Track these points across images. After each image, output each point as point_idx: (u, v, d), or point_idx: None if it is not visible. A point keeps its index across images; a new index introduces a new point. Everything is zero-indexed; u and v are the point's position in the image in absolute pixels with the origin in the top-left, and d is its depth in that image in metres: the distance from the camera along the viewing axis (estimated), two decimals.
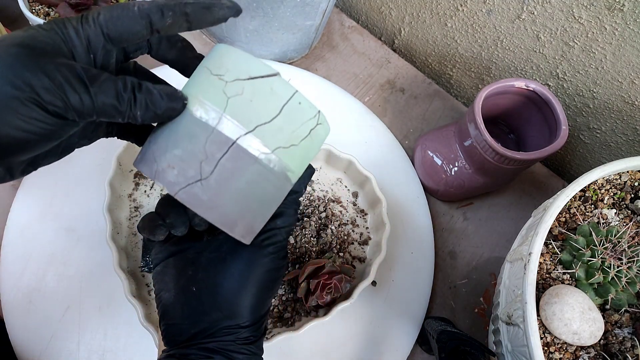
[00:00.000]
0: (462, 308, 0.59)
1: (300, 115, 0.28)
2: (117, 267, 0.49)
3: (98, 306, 0.52)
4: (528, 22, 0.60)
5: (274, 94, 0.26)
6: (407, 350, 0.55)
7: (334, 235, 0.56)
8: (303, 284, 0.50)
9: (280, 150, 0.27)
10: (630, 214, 0.47)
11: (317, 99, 0.68)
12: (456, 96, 0.78)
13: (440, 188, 0.62)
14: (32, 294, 0.52)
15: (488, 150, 0.53)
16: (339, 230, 0.57)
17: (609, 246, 0.42)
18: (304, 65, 0.73)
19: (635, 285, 0.42)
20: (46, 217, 0.55)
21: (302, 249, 0.54)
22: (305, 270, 0.50)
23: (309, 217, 0.56)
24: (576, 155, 0.69)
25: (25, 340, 0.50)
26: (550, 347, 0.40)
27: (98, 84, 0.24)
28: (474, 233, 0.63)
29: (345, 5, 0.82)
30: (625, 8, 0.50)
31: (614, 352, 0.41)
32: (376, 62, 0.75)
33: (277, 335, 0.48)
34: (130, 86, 0.25)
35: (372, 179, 0.57)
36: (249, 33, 0.65)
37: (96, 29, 0.26)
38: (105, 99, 0.24)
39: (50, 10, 0.59)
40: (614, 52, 0.55)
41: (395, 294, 0.57)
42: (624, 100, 0.58)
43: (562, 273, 0.43)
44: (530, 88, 0.56)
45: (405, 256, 0.59)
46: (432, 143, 0.62)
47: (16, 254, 0.53)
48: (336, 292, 0.50)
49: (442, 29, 0.71)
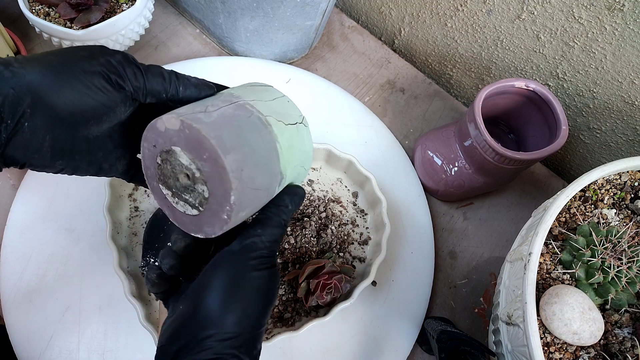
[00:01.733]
0: (462, 308, 0.59)
1: (288, 107, 0.33)
2: (117, 267, 0.49)
3: (98, 306, 0.52)
4: (528, 22, 0.60)
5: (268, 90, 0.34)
6: (407, 350, 0.55)
7: (334, 235, 0.56)
8: (303, 284, 0.50)
9: (272, 119, 0.31)
10: (630, 214, 0.47)
11: (317, 99, 0.68)
12: (456, 96, 0.78)
13: (440, 188, 0.62)
14: (32, 294, 0.52)
15: (488, 150, 0.53)
16: (339, 230, 0.57)
17: (609, 246, 0.42)
18: (304, 65, 0.73)
19: (635, 285, 0.42)
20: (46, 217, 0.55)
21: (302, 249, 0.54)
22: (305, 271, 0.50)
23: (309, 217, 0.56)
24: (576, 155, 0.69)
25: (25, 340, 0.50)
26: (550, 347, 0.40)
27: (150, 71, 0.31)
28: (474, 233, 0.63)
29: (345, 5, 0.82)
30: (625, 8, 0.50)
31: (614, 352, 0.41)
32: (376, 62, 0.75)
33: (277, 335, 0.48)
34: (172, 73, 0.32)
35: (372, 179, 0.57)
36: (249, 33, 0.65)
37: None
38: (153, 79, 0.31)
39: (51, 10, 0.59)
40: (614, 52, 0.55)
41: (395, 294, 0.57)
42: (624, 100, 0.58)
43: (562, 273, 0.43)
44: (530, 88, 0.56)
45: (405, 256, 0.59)
46: (432, 143, 0.62)
47: (16, 254, 0.53)
48: (336, 292, 0.50)
49: (442, 29, 0.71)
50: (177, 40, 0.71)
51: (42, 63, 0.27)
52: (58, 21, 0.58)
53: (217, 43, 0.72)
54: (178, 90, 0.32)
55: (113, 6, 0.60)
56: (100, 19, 0.58)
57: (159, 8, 0.73)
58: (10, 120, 0.26)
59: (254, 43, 0.67)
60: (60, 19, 0.58)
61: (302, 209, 0.57)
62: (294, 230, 0.55)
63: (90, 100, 0.28)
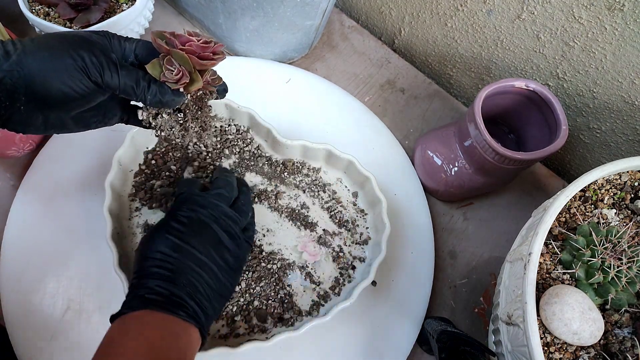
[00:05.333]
0: (462, 308, 0.59)
1: None
2: (117, 267, 0.49)
3: (98, 306, 0.52)
4: (528, 22, 0.60)
5: None
6: (407, 350, 0.55)
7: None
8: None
9: None
10: (630, 214, 0.47)
11: (317, 99, 0.68)
12: (456, 96, 0.78)
13: (440, 188, 0.62)
14: (32, 294, 0.52)
15: (488, 150, 0.53)
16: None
17: (609, 246, 0.42)
18: (304, 65, 0.73)
19: (635, 285, 0.42)
20: (46, 217, 0.55)
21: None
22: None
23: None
24: (576, 155, 0.69)
25: (25, 340, 0.50)
26: (550, 347, 0.40)
27: (125, 70, 0.36)
28: (474, 233, 0.63)
29: (345, 5, 0.82)
30: (625, 8, 0.50)
31: (614, 352, 0.41)
32: (376, 62, 0.75)
33: (277, 335, 0.48)
34: (147, 78, 0.37)
35: (372, 179, 0.57)
36: (249, 33, 0.65)
37: (131, 46, 0.38)
38: (127, 82, 0.35)
39: (50, 10, 0.59)
40: (614, 52, 0.55)
41: (395, 294, 0.57)
42: (624, 100, 0.58)
43: (562, 273, 0.43)
44: (530, 88, 0.56)
45: (405, 256, 0.59)
46: (432, 143, 0.62)
47: (16, 255, 0.53)
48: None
49: (442, 29, 0.71)
50: None
51: (36, 57, 0.33)
52: (58, 21, 0.58)
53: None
54: (146, 99, 0.37)
55: (113, 6, 0.60)
56: (99, 19, 0.58)
57: (158, 8, 0.73)
58: (9, 103, 0.33)
59: (254, 43, 0.67)
60: (59, 19, 0.58)
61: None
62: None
63: (74, 92, 0.34)
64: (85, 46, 0.34)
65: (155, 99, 0.37)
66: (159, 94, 0.37)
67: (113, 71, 0.35)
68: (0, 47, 0.32)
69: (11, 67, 0.32)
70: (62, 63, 0.33)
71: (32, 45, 0.33)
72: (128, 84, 0.36)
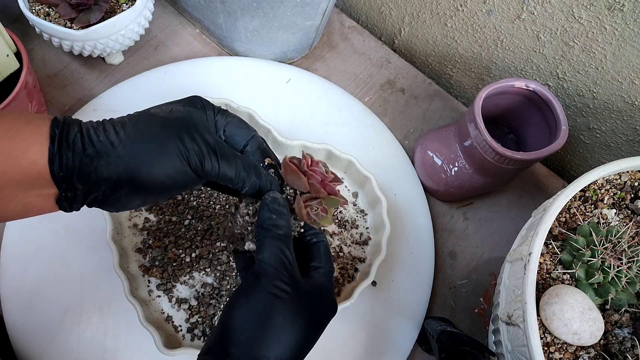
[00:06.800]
0: (462, 308, 0.59)
1: None
2: (117, 267, 0.49)
3: (98, 306, 0.52)
4: (528, 22, 0.60)
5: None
6: (407, 350, 0.55)
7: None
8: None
9: None
10: (630, 214, 0.47)
11: (317, 99, 0.68)
12: (456, 96, 0.78)
13: (440, 188, 0.62)
14: (32, 294, 0.52)
15: (488, 150, 0.53)
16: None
17: (609, 246, 0.42)
18: (304, 65, 0.73)
19: (635, 285, 0.42)
20: (46, 218, 0.55)
21: None
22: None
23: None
24: (576, 155, 0.69)
25: (25, 340, 0.50)
26: (550, 347, 0.40)
27: (225, 159, 0.35)
28: (474, 233, 0.63)
29: (345, 5, 0.82)
30: (625, 8, 0.50)
31: (614, 352, 0.41)
32: (376, 62, 0.75)
33: None
34: (246, 167, 0.36)
35: (372, 179, 0.57)
36: (249, 33, 0.65)
37: (222, 121, 0.38)
38: (227, 172, 0.35)
39: (51, 10, 0.59)
40: (614, 52, 0.55)
41: (395, 294, 0.57)
42: (624, 100, 0.58)
43: (562, 273, 0.43)
44: (530, 88, 0.56)
45: (405, 256, 0.59)
46: (432, 143, 0.62)
47: (16, 255, 0.53)
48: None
49: (442, 29, 0.71)
50: (177, 40, 0.71)
51: (142, 149, 0.32)
52: (58, 21, 0.58)
53: (217, 43, 0.72)
54: (243, 187, 0.36)
55: (113, 6, 0.60)
56: (100, 19, 0.58)
57: (158, 8, 0.73)
58: (109, 192, 0.32)
59: (254, 43, 0.67)
60: (60, 19, 0.58)
61: None
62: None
63: (174, 181, 0.33)
64: (187, 130, 0.34)
65: (251, 190, 0.37)
66: (258, 187, 0.37)
67: (214, 160, 0.34)
68: (104, 138, 0.31)
69: (117, 163, 0.31)
70: (168, 156, 0.32)
71: (136, 133, 0.32)
72: (227, 175, 0.35)
